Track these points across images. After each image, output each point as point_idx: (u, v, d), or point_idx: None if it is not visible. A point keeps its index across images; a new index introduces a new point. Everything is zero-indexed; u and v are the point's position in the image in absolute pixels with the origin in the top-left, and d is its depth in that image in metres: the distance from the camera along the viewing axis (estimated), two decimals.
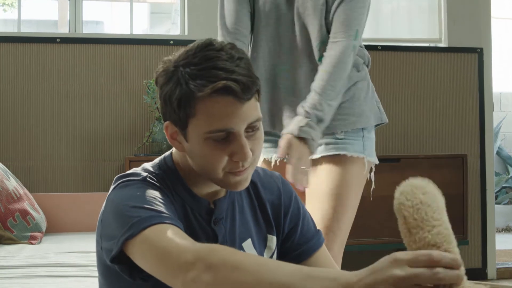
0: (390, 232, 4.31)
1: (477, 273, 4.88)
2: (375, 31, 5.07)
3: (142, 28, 4.95)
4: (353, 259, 4.80)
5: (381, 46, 4.90)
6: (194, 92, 1.36)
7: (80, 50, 4.50)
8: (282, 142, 2.04)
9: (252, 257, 1.24)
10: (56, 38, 4.49)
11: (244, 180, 1.45)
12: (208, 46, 1.40)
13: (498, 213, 5.86)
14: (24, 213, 3.18)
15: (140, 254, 1.31)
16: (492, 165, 4.99)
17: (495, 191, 6.97)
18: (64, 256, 2.60)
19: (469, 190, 4.50)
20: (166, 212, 1.35)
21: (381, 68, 4.86)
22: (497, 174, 7.26)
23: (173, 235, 1.28)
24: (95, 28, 4.82)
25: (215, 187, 1.51)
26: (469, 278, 1.15)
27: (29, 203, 3.30)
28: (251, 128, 1.41)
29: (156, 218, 1.32)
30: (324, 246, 1.68)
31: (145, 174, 1.48)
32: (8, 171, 3.40)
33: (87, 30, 4.70)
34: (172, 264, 1.24)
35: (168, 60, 1.44)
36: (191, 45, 1.43)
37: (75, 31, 4.62)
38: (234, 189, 1.47)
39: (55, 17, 4.81)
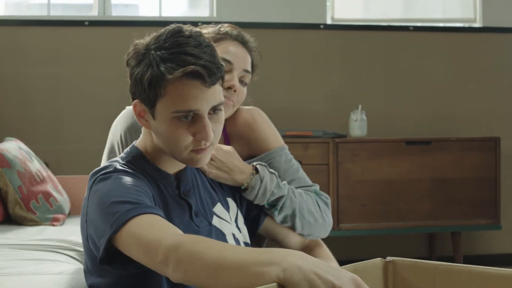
0: (420, 216, 4.25)
1: (510, 258, 4.79)
2: (407, 11, 4.97)
3: (181, 10, 4.93)
4: (382, 242, 4.76)
5: (413, 26, 4.81)
6: (165, 74, 1.46)
7: (108, 33, 4.50)
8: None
9: (214, 244, 1.27)
10: (85, 21, 4.48)
11: (205, 157, 1.57)
12: (179, 32, 1.50)
13: None
14: (47, 195, 3.19)
15: (127, 248, 1.39)
16: None
17: None
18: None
19: (502, 174, 4.40)
20: (143, 201, 1.43)
21: (413, 49, 4.78)
22: None
23: (150, 227, 1.36)
24: (126, 10, 4.80)
25: (179, 165, 1.63)
26: (502, 264, 1.10)
27: (53, 185, 3.31)
28: (213, 110, 1.52)
29: (134, 211, 1.39)
30: None
31: (115, 164, 1.58)
32: (32, 153, 3.41)
33: (118, 13, 4.69)
34: (153, 259, 1.32)
35: (139, 43, 1.54)
36: (162, 30, 1.52)
37: (104, 13, 4.62)
38: (195, 166, 1.59)
39: (89, 0, 4.82)
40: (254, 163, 1.85)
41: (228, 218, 1.72)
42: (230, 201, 1.78)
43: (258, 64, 1.97)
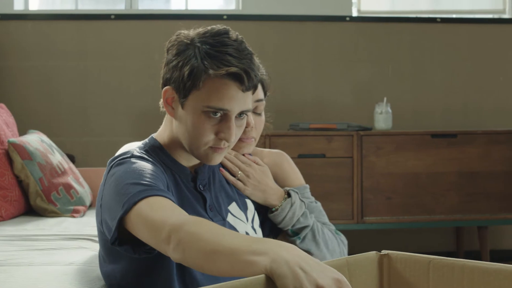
0: (446, 209, 4.21)
1: None
2: (434, 2, 4.92)
3: (218, 4, 4.95)
4: (407, 236, 4.72)
5: (441, 18, 4.75)
6: (208, 69, 1.51)
7: (134, 26, 4.53)
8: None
9: (213, 228, 1.29)
10: (111, 15, 4.52)
11: (220, 157, 1.62)
12: (225, 34, 1.55)
13: None
14: (68, 187, 3.23)
15: (135, 228, 1.41)
16: None
17: None
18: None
19: None
20: (155, 184, 1.46)
21: (441, 41, 4.72)
22: None
23: (158, 208, 1.38)
24: (152, 4, 4.83)
25: (194, 160, 1.67)
26: None
27: (74, 177, 3.35)
28: (240, 115, 1.58)
29: (145, 192, 1.42)
30: None
31: (133, 151, 1.62)
32: (54, 145, 3.45)
33: (144, 6, 4.72)
34: (157, 238, 1.34)
35: (183, 33, 1.59)
36: (208, 28, 1.57)
37: (131, 7, 4.66)
38: (208, 163, 1.63)
39: None
40: (287, 188, 1.89)
41: (243, 218, 1.76)
42: (249, 203, 1.81)
43: (271, 80, 1.97)
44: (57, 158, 3.33)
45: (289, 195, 1.87)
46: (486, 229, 4.41)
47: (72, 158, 4.06)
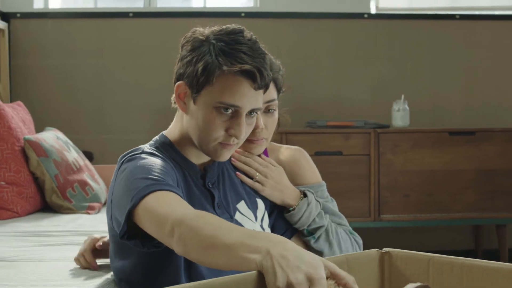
0: (463, 207, 4.19)
1: None
2: None
3: (236, 1, 4.97)
4: (424, 234, 4.70)
5: (459, 15, 4.71)
6: (222, 65, 1.53)
7: (152, 24, 4.55)
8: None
9: (212, 221, 1.30)
10: (129, 13, 4.55)
11: (228, 153, 1.64)
12: (240, 33, 1.58)
13: None
14: (83, 184, 3.26)
15: (142, 221, 1.43)
16: None
17: None
18: None
19: None
20: (163, 179, 1.48)
21: (459, 38, 4.69)
22: None
23: (164, 202, 1.40)
24: (170, 1, 4.85)
25: (204, 158, 1.69)
26: None
27: (89, 174, 3.38)
28: (250, 113, 1.60)
29: (153, 186, 1.44)
30: None
31: (143, 147, 1.65)
32: (70, 142, 3.49)
33: (163, 4, 4.74)
34: (162, 231, 1.36)
35: (199, 30, 1.62)
36: (223, 26, 1.60)
37: (150, 5, 4.68)
38: (217, 159, 1.65)
39: None
40: (302, 188, 1.90)
41: (252, 217, 1.76)
42: (260, 202, 1.82)
43: (285, 77, 1.96)
44: (73, 155, 3.36)
45: (305, 195, 1.87)
46: (505, 227, 4.38)
47: (90, 155, 4.09)
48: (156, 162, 1.55)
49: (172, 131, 1.71)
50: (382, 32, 4.67)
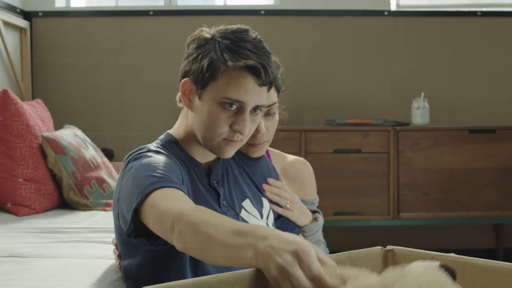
0: (484, 206, 4.15)
1: None
2: None
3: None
4: (444, 232, 4.67)
5: (481, 12, 4.67)
6: (227, 60, 1.55)
7: (173, 22, 4.57)
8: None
9: (208, 217, 1.29)
10: (150, 11, 4.57)
11: (232, 150, 1.65)
12: (245, 31, 1.61)
13: None
14: (101, 181, 3.28)
15: (147, 218, 1.44)
16: None
17: None
18: None
19: None
20: (168, 176, 1.49)
21: (481, 35, 4.65)
22: None
23: (167, 198, 1.41)
24: (191, 0, 4.86)
25: (209, 156, 1.71)
26: None
27: (107, 172, 3.41)
28: (254, 109, 1.62)
29: (157, 183, 1.45)
30: None
31: (149, 146, 1.68)
32: (88, 140, 3.52)
33: (183, 3, 4.75)
34: (163, 228, 1.37)
35: (205, 30, 1.64)
36: (229, 26, 1.63)
37: (170, 3, 4.70)
38: (221, 155, 1.66)
39: None
40: (310, 207, 1.98)
41: (257, 215, 1.77)
42: (265, 202, 1.84)
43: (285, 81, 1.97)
44: (91, 152, 3.39)
45: (316, 219, 1.95)
46: None
47: (111, 153, 4.13)
48: (161, 159, 1.56)
49: (177, 130, 1.73)
50: (402, 29, 4.64)
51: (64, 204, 3.24)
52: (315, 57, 4.60)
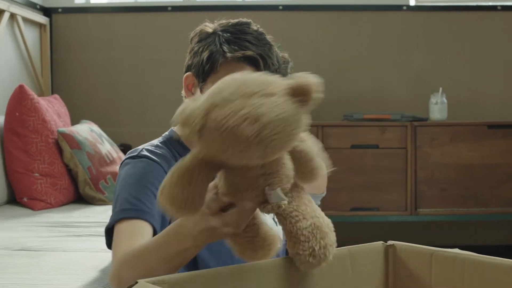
0: (502, 202, 4.12)
1: None
2: None
3: None
4: (463, 229, 4.64)
5: (502, 6, 4.63)
6: (226, 52, 1.57)
7: (190, 18, 4.58)
8: None
9: (144, 250, 1.32)
10: (168, 6, 4.59)
11: None
12: (246, 24, 1.62)
13: None
14: (116, 176, 3.31)
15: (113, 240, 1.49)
16: None
17: None
18: None
19: None
20: (139, 205, 1.49)
21: (501, 30, 4.60)
22: None
23: (127, 236, 1.44)
24: None
25: None
26: None
27: None
28: None
29: (126, 212, 1.47)
30: None
31: (142, 149, 1.64)
32: (104, 135, 3.55)
33: None
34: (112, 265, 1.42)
35: (207, 25, 1.67)
36: (232, 20, 1.64)
37: None
38: None
39: None
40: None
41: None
42: None
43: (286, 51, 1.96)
44: (106, 147, 3.41)
45: None
46: None
47: (129, 148, 4.16)
48: (142, 176, 1.55)
49: (179, 128, 1.73)
50: (421, 24, 4.61)
51: (80, 199, 3.28)
52: (333, 52, 4.59)
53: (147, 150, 1.64)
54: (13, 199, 3.13)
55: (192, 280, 1.11)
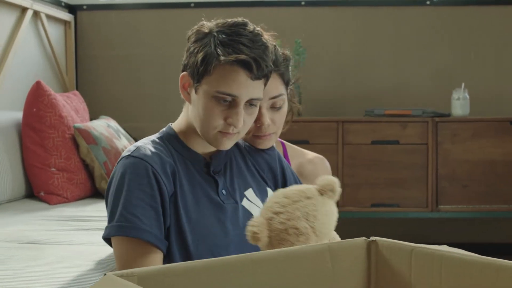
0: None
1: None
2: None
3: None
4: (485, 226, 4.58)
5: None
6: (220, 55, 1.57)
7: (213, 14, 4.57)
8: None
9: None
10: (191, 3, 4.62)
11: (229, 142, 1.68)
12: (243, 25, 1.63)
13: None
14: None
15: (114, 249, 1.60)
16: None
17: None
18: None
19: None
20: (135, 220, 1.56)
21: None
22: None
23: (125, 257, 1.54)
24: None
25: (209, 147, 1.73)
26: None
27: None
28: (250, 103, 1.63)
29: (124, 230, 1.55)
30: None
31: (139, 146, 1.67)
32: (121, 130, 3.59)
33: None
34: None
35: (204, 24, 1.68)
36: (229, 19, 1.65)
37: None
38: (218, 147, 1.69)
39: None
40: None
41: (260, 204, 1.78)
42: (270, 191, 1.84)
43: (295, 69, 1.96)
44: (123, 143, 3.46)
45: None
46: None
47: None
48: (140, 189, 1.59)
49: (179, 122, 1.76)
50: (444, 19, 4.57)
51: (97, 194, 3.33)
52: (355, 48, 4.58)
53: (142, 148, 1.66)
54: (31, 194, 3.19)
55: (163, 273, 1.13)
